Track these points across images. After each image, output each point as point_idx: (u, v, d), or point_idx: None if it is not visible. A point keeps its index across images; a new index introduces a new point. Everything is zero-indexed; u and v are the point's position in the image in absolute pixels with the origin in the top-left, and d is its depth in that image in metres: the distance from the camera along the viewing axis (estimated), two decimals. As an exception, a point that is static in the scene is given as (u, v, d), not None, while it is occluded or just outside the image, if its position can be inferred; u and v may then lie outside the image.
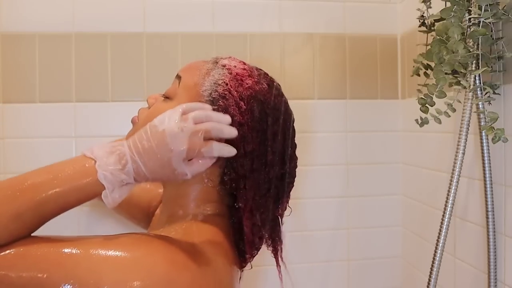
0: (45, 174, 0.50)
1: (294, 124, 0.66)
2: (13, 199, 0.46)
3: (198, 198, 0.63)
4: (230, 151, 0.57)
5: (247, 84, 0.61)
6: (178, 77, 0.64)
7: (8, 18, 1.07)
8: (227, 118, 0.57)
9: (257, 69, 0.65)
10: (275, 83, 0.66)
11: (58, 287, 0.44)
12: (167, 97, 0.63)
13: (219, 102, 0.59)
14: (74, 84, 1.09)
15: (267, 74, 0.66)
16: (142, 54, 1.11)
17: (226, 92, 0.60)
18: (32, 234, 0.49)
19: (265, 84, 0.63)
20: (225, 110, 0.59)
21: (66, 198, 0.50)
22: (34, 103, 1.08)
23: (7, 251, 0.45)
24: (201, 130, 0.55)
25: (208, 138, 0.55)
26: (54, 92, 1.08)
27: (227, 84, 0.60)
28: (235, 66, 0.63)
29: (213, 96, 0.60)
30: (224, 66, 0.63)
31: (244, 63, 0.65)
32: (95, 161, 0.51)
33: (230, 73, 0.61)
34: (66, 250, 0.47)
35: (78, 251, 0.47)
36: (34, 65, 1.08)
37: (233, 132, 0.57)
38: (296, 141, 0.67)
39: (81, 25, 1.09)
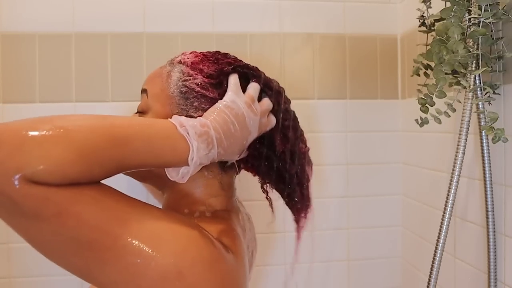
0: (139, 133, 0.49)
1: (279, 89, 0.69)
2: (107, 147, 0.46)
3: (201, 193, 0.64)
4: (274, 120, 0.65)
5: (204, 65, 0.63)
6: (144, 90, 0.65)
7: (8, 18, 1.07)
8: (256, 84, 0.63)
9: (209, 51, 0.67)
10: (227, 53, 0.67)
11: (120, 240, 0.45)
12: (141, 112, 0.65)
13: (193, 93, 0.61)
14: (74, 84, 1.09)
15: (217, 51, 0.68)
16: (142, 54, 1.11)
17: (192, 82, 0.61)
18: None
19: (221, 57, 0.65)
20: (201, 96, 0.61)
21: (149, 164, 0.51)
22: (34, 103, 1.08)
23: (85, 189, 0.45)
24: (267, 110, 0.63)
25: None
26: (54, 92, 1.08)
27: (190, 75, 0.62)
28: (188, 58, 0.64)
29: (183, 91, 0.61)
30: (180, 62, 0.64)
31: (195, 51, 0.66)
32: (190, 147, 0.52)
33: (187, 65, 0.63)
34: (135, 210, 0.48)
35: (144, 214, 0.49)
36: (34, 65, 1.08)
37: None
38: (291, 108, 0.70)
39: (81, 25, 1.09)
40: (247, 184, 0.74)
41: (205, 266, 0.50)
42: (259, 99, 0.63)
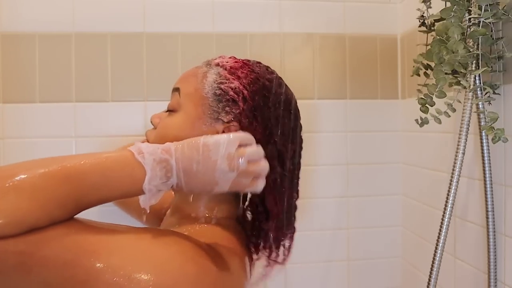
0: (93, 167, 0.48)
1: (296, 105, 0.68)
2: (60, 186, 0.45)
3: (211, 201, 0.64)
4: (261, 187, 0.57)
5: (243, 73, 0.62)
6: (176, 89, 0.64)
7: (8, 18, 1.07)
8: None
9: (247, 60, 0.67)
10: (268, 67, 0.67)
11: (90, 271, 0.44)
12: (171, 111, 0.64)
13: (226, 96, 0.60)
14: (74, 84, 1.09)
15: (259, 62, 0.67)
16: (142, 54, 1.11)
17: (227, 85, 0.61)
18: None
19: (259, 68, 0.65)
20: (232, 102, 0.60)
21: (109, 197, 0.50)
22: (34, 103, 1.08)
23: (48, 234, 0.44)
24: (253, 174, 0.55)
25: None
26: (54, 92, 1.08)
27: (227, 79, 0.62)
28: (227, 62, 0.64)
29: (217, 93, 0.61)
30: (217, 65, 0.64)
31: (235, 57, 0.66)
32: (145, 173, 0.50)
33: (225, 69, 0.63)
34: (103, 238, 0.47)
35: (114, 240, 0.48)
36: (34, 65, 1.08)
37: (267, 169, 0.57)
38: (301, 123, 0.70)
39: (81, 25, 1.09)
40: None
41: (190, 282, 0.48)
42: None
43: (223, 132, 0.60)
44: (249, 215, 0.69)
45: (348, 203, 1.20)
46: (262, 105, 0.61)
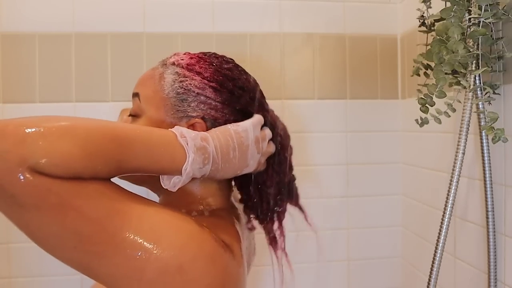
0: (139, 137, 0.50)
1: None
2: (108, 144, 0.47)
3: (199, 193, 0.64)
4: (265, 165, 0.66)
5: (201, 67, 0.62)
6: (136, 94, 0.64)
7: (8, 18, 1.07)
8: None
9: (202, 53, 0.66)
10: (224, 56, 0.67)
11: (120, 233, 0.45)
12: (134, 116, 0.64)
13: (191, 94, 0.60)
14: (74, 84, 1.09)
15: (214, 53, 0.67)
16: (142, 54, 1.11)
17: (189, 83, 0.61)
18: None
19: (217, 59, 0.65)
20: (197, 98, 0.60)
21: (147, 169, 0.51)
22: (34, 103, 1.08)
23: (89, 184, 0.45)
24: (269, 153, 0.64)
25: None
26: (54, 92, 1.08)
27: (186, 76, 0.61)
28: (183, 59, 0.64)
29: (180, 92, 0.61)
30: (173, 63, 0.64)
31: (189, 53, 0.66)
32: (187, 157, 0.52)
33: (182, 67, 0.62)
34: (135, 204, 0.48)
35: (144, 208, 0.49)
36: (34, 65, 1.08)
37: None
38: (270, 107, 0.69)
39: (81, 25, 1.09)
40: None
41: (207, 260, 0.50)
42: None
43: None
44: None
45: (348, 203, 1.20)
46: (228, 95, 0.61)
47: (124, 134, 0.48)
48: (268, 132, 0.63)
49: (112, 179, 0.49)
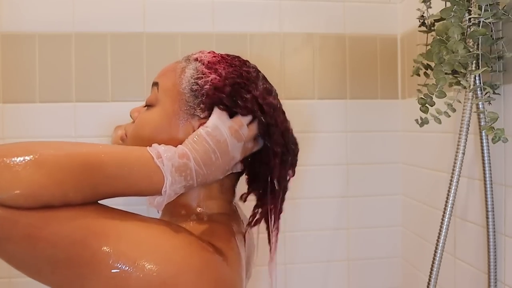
0: (113, 160, 0.49)
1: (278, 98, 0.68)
2: (79, 170, 0.46)
3: (200, 196, 0.63)
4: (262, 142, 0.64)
5: (221, 67, 0.62)
6: (155, 84, 0.64)
7: (8, 18, 1.07)
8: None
9: (226, 54, 0.66)
10: (247, 61, 0.67)
11: (98, 254, 0.45)
12: (149, 105, 0.64)
13: (202, 92, 0.60)
14: (74, 84, 1.09)
15: (237, 56, 0.67)
16: (142, 54, 1.11)
17: (204, 80, 0.60)
18: None
19: (238, 62, 0.65)
20: (213, 95, 0.60)
21: (125, 192, 0.51)
22: (34, 103, 1.08)
23: (60, 210, 0.45)
24: (252, 136, 0.61)
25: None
26: (54, 92, 1.08)
27: (203, 73, 0.61)
28: (205, 56, 0.64)
29: (194, 88, 0.60)
30: (196, 59, 0.64)
31: (214, 52, 0.66)
32: (164, 180, 0.51)
33: (203, 63, 0.62)
34: (113, 222, 0.48)
35: (124, 226, 0.48)
36: (34, 65, 1.08)
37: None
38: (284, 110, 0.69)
39: (81, 25, 1.09)
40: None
41: (193, 274, 0.49)
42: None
43: (199, 127, 0.59)
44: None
45: (348, 203, 1.20)
46: (238, 97, 0.60)
47: (96, 159, 0.48)
48: (241, 119, 0.60)
49: None
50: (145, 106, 0.65)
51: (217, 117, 0.58)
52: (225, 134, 0.57)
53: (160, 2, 1.12)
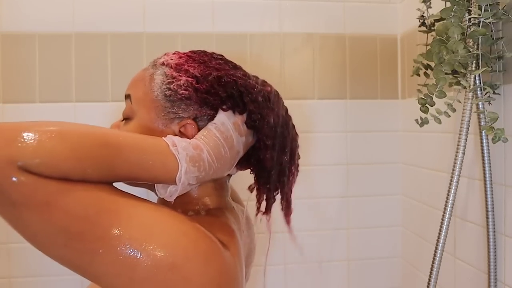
0: (130, 144, 0.50)
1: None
2: (98, 149, 0.47)
3: (195, 193, 0.64)
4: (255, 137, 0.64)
5: (190, 66, 0.62)
6: (127, 96, 0.64)
7: (8, 18, 1.07)
8: None
9: (192, 51, 0.66)
10: (213, 53, 0.66)
11: (109, 231, 0.45)
12: (126, 119, 0.64)
13: (177, 95, 0.59)
14: (74, 84, 1.09)
15: (203, 50, 0.66)
16: (142, 54, 1.11)
17: (176, 84, 0.60)
18: None
19: (206, 57, 0.64)
20: (185, 99, 0.59)
21: (139, 177, 0.51)
22: (34, 103, 1.08)
23: (78, 184, 0.46)
24: (250, 131, 0.62)
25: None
26: (54, 92, 1.08)
27: (173, 77, 0.61)
28: (172, 59, 0.63)
29: (167, 94, 0.60)
30: (162, 64, 0.63)
31: (179, 52, 0.65)
32: (180, 167, 0.52)
33: (171, 67, 0.62)
34: (126, 202, 0.49)
35: (135, 206, 0.49)
36: (34, 65, 1.08)
37: None
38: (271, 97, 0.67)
39: (81, 25, 1.09)
40: (246, 185, 0.74)
41: (201, 259, 0.49)
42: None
43: (179, 131, 0.60)
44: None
45: (348, 203, 1.20)
46: (209, 89, 0.60)
47: (115, 141, 0.49)
48: (241, 116, 0.61)
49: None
50: (122, 120, 0.65)
51: (224, 114, 0.59)
52: (230, 129, 0.59)
53: (160, 2, 1.12)
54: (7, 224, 0.45)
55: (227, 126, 0.59)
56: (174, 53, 0.65)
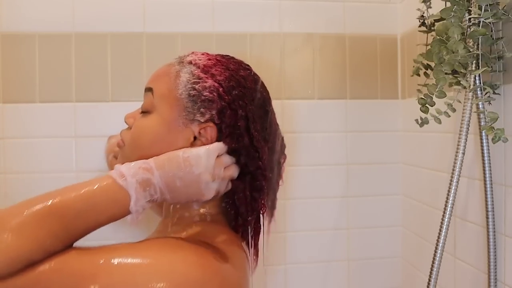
0: (76, 196, 0.50)
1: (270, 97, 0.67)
2: (45, 219, 0.47)
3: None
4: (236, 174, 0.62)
5: (217, 70, 0.61)
6: (149, 89, 0.63)
7: (8, 18, 1.07)
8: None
9: (221, 56, 0.65)
10: (242, 63, 0.66)
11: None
12: (145, 112, 0.63)
13: (201, 97, 0.59)
14: (74, 84, 1.09)
15: (232, 57, 0.66)
16: (142, 54, 1.11)
17: (201, 85, 0.59)
18: None
19: (234, 65, 0.64)
20: (208, 102, 0.59)
21: (97, 222, 0.51)
22: (34, 103, 1.08)
23: (45, 266, 0.45)
24: (229, 178, 0.59)
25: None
26: (54, 92, 1.08)
27: (200, 78, 0.60)
28: (200, 59, 0.62)
29: (192, 94, 0.59)
30: (190, 62, 0.62)
31: (208, 54, 0.65)
32: (129, 197, 0.52)
33: (199, 67, 0.61)
34: (101, 260, 0.48)
35: (112, 260, 0.48)
36: (34, 65, 1.08)
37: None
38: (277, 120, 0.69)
39: (81, 25, 1.09)
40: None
41: (196, 287, 0.49)
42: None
43: (199, 133, 0.59)
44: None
45: (348, 203, 1.20)
46: (238, 103, 0.60)
47: (61, 203, 0.48)
48: (226, 159, 0.59)
49: None
50: (141, 112, 0.64)
51: (207, 149, 0.57)
52: (201, 169, 0.55)
53: (160, 2, 1.12)
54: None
55: (200, 162, 0.55)
56: (202, 54, 0.64)
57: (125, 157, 0.62)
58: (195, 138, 0.60)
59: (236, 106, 0.59)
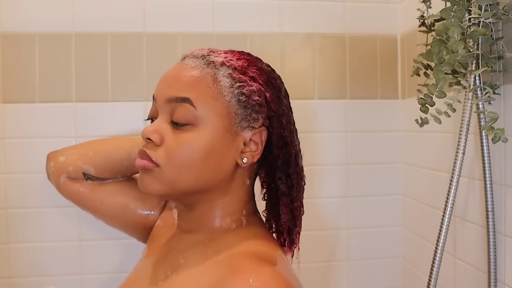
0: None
1: None
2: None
3: (238, 202, 0.61)
4: None
5: (253, 72, 0.60)
6: (184, 99, 0.55)
7: (8, 18, 1.07)
8: None
9: (247, 55, 0.64)
10: (262, 61, 0.67)
11: None
12: (186, 124, 0.55)
13: (251, 102, 0.57)
14: (74, 84, 1.09)
15: (257, 57, 0.66)
16: (142, 54, 1.11)
17: (248, 89, 0.57)
18: None
19: (262, 65, 0.64)
20: (258, 106, 0.58)
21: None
22: (34, 103, 1.08)
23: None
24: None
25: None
26: (54, 92, 1.08)
27: (243, 81, 0.57)
28: (232, 60, 0.59)
29: (241, 99, 0.56)
30: (223, 64, 0.58)
31: (229, 52, 0.62)
32: None
33: (235, 69, 0.58)
34: None
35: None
36: (34, 65, 1.08)
37: None
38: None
39: (81, 25, 1.09)
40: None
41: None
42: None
43: (251, 140, 0.58)
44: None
45: (348, 203, 1.20)
46: (279, 105, 0.60)
47: None
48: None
49: None
50: (175, 124, 0.56)
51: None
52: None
53: (160, 2, 1.12)
54: (7, 224, 0.45)
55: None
56: (226, 52, 0.60)
57: (163, 179, 0.55)
58: (244, 144, 0.58)
59: (278, 107, 0.60)
